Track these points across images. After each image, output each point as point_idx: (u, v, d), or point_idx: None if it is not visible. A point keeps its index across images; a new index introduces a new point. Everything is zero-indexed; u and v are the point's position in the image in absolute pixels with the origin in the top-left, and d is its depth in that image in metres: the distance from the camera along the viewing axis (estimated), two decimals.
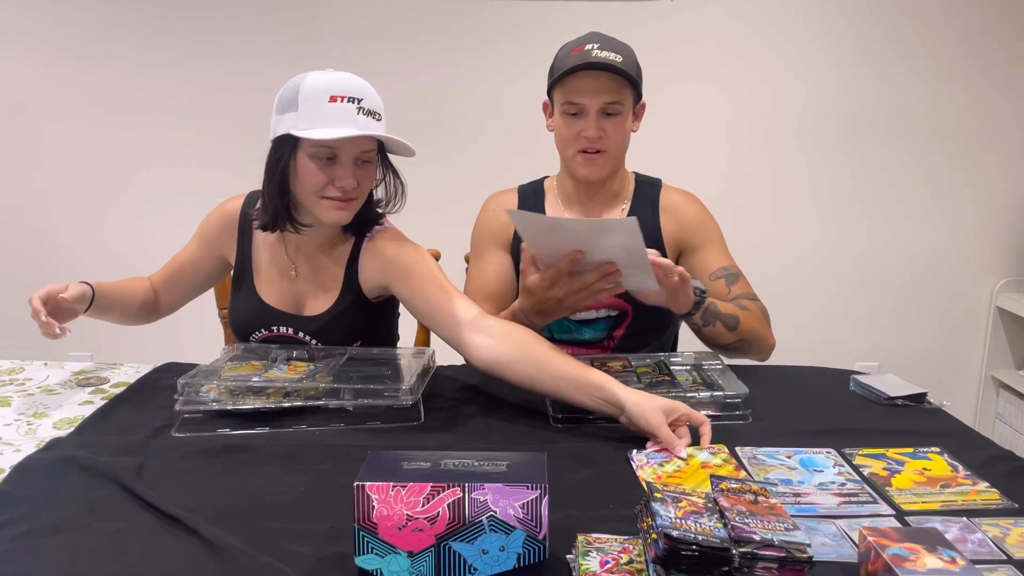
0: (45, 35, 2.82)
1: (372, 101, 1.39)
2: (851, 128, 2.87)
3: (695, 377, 1.44)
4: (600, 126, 1.55)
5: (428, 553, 0.87)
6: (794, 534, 0.84)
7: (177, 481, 1.10)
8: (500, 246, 1.71)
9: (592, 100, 1.54)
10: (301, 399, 1.31)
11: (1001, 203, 2.94)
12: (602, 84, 1.53)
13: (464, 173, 2.84)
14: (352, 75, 1.41)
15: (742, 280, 1.65)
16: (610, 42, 1.56)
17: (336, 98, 1.35)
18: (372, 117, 1.38)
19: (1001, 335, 3.01)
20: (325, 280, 1.54)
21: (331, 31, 2.80)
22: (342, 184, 1.38)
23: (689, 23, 2.79)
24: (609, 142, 1.57)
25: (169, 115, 2.87)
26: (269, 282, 1.56)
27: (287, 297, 1.55)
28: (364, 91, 1.39)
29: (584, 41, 1.57)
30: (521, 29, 2.79)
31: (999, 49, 2.82)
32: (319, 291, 1.54)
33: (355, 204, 1.44)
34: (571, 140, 1.58)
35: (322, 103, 1.35)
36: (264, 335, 1.56)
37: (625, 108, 1.57)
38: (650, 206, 1.69)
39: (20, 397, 1.45)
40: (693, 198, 1.72)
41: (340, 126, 1.34)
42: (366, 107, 1.37)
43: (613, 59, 1.52)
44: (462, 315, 1.37)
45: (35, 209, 2.95)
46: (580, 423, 1.31)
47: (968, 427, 1.35)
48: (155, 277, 1.68)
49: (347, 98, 1.36)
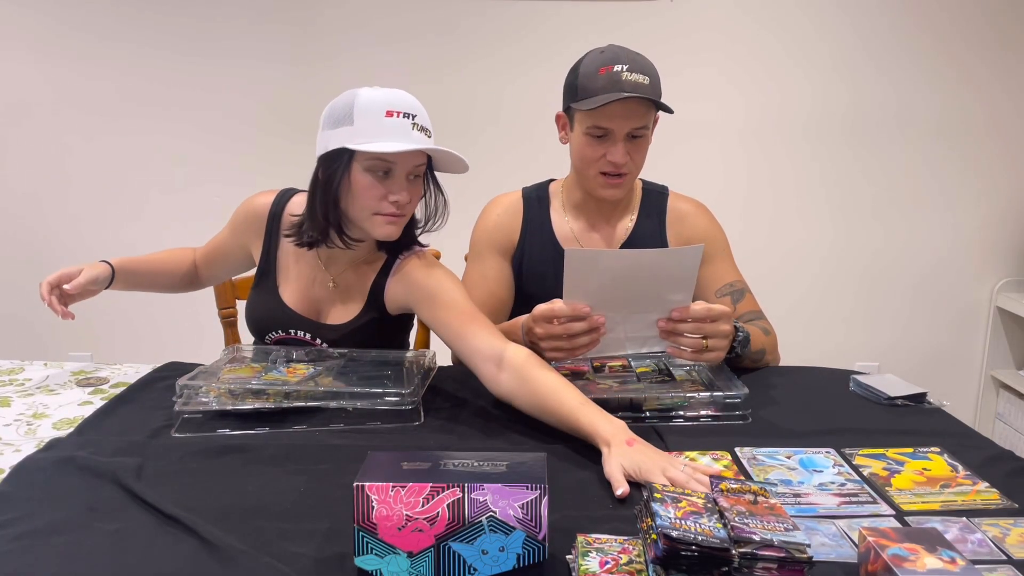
0: (46, 35, 2.82)
1: (424, 118, 1.40)
2: (851, 129, 2.87)
3: (694, 377, 1.44)
4: (626, 151, 1.53)
5: (428, 553, 0.87)
6: (794, 534, 0.84)
7: (177, 481, 1.10)
8: (500, 253, 1.70)
9: (621, 125, 1.51)
10: (302, 400, 1.31)
11: (1001, 203, 2.94)
12: (632, 110, 1.50)
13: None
14: (404, 92, 1.40)
15: (748, 296, 1.65)
16: (636, 61, 1.51)
17: (392, 113, 1.35)
18: (424, 133, 1.39)
19: (1001, 335, 3.01)
20: (351, 292, 1.54)
21: (332, 32, 2.80)
22: (396, 198, 1.39)
23: (689, 23, 2.78)
24: (633, 165, 1.56)
25: (169, 115, 2.87)
26: (295, 286, 1.56)
27: (309, 303, 1.56)
28: (417, 108, 1.39)
29: (611, 60, 1.51)
30: (521, 30, 2.80)
31: (1000, 50, 2.82)
32: (342, 302, 1.55)
33: (404, 220, 1.44)
34: (594, 161, 1.56)
35: (379, 117, 1.35)
36: (280, 336, 1.56)
37: (649, 129, 1.56)
38: (656, 216, 1.68)
39: (20, 397, 1.45)
40: (701, 208, 1.71)
41: (397, 140, 1.34)
42: (420, 123, 1.38)
43: (642, 82, 1.49)
44: (485, 350, 1.35)
45: (35, 209, 2.95)
46: None
47: (968, 427, 1.35)
48: (199, 251, 1.73)
49: (403, 113, 1.36)
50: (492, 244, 1.70)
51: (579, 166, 1.60)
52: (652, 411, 1.34)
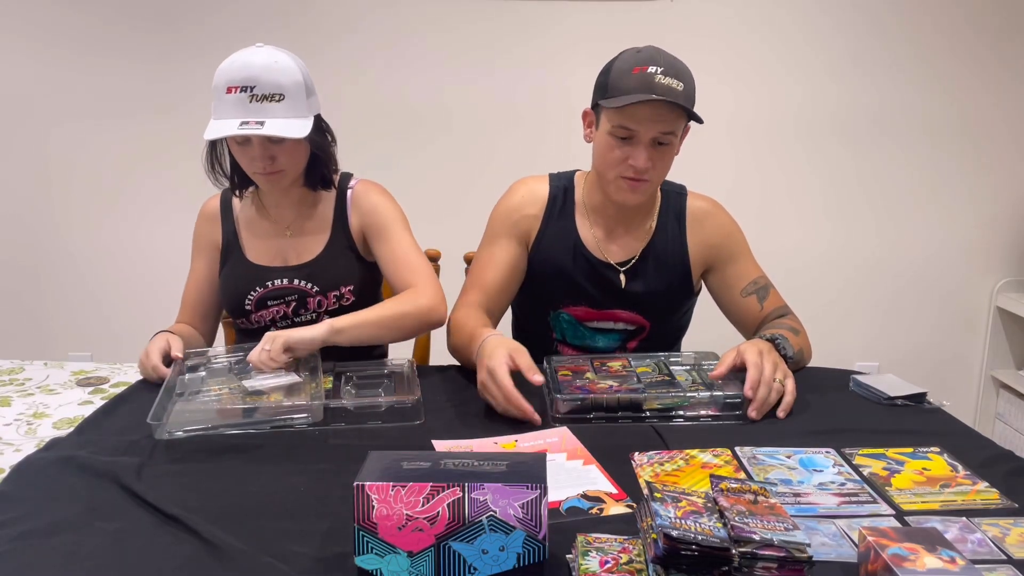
0: (46, 35, 2.82)
1: (267, 84, 1.45)
2: (851, 129, 2.87)
3: (695, 377, 1.44)
4: (650, 156, 1.47)
5: (428, 553, 0.87)
6: (794, 534, 0.84)
7: (177, 481, 1.10)
8: (517, 238, 1.63)
9: (648, 129, 1.45)
10: (304, 399, 1.31)
11: (1001, 203, 2.94)
12: (661, 114, 1.44)
13: (464, 173, 2.84)
14: (253, 52, 1.48)
15: (772, 292, 1.64)
16: (672, 65, 1.46)
17: (232, 89, 1.45)
18: (269, 100, 1.46)
19: (1001, 335, 3.01)
20: (312, 229, 1.64)
21: (332, 31, 2.80)
22: (259, 166, 1.51)
23: (689, 23, 2.78)
24: (655, 173, 1.51)
25: (170, 115, 2.86)
26: (257, 245, 1.64)
27: (275, 254, 1.63)
28: (259, 75, 1.45)
29: (646, 61, 1.45)
30: (521, 29, 2.79)
31: (999, 50, 2.82)
32: (307, 241, 1.63)
33: (280, 175, 1.53)
34: (615, 164, 1.50)
35: (222, 94, 1.46)
36: (260, 293, 1.61)
37: (677, 137, 1.50)
38: (676, 218, 1.64)
39: (20, 397, 1.45)
40: (719, 208, 1.67)
41: (229, 119, 1.44)
42: (259, 92, 1.44)
43: (676, 87, 1.43)
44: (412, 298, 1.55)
45: (35, 209, 2.95)
46: (580, 423, 1.31)
47: (968, 427, 1.35)
48: (181, 318, 1.70)
49: (239, 88, 1.44)
50: (511, 226, 1.63)
51: (600, 167, 1.55)
52: (652, 411, 1.34)
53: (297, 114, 1.47)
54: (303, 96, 1.49)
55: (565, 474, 1.13)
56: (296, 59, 1.51)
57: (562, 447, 1.22)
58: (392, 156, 2.82)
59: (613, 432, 1.28)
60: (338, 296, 1.60)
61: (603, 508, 1.05)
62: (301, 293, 1.60)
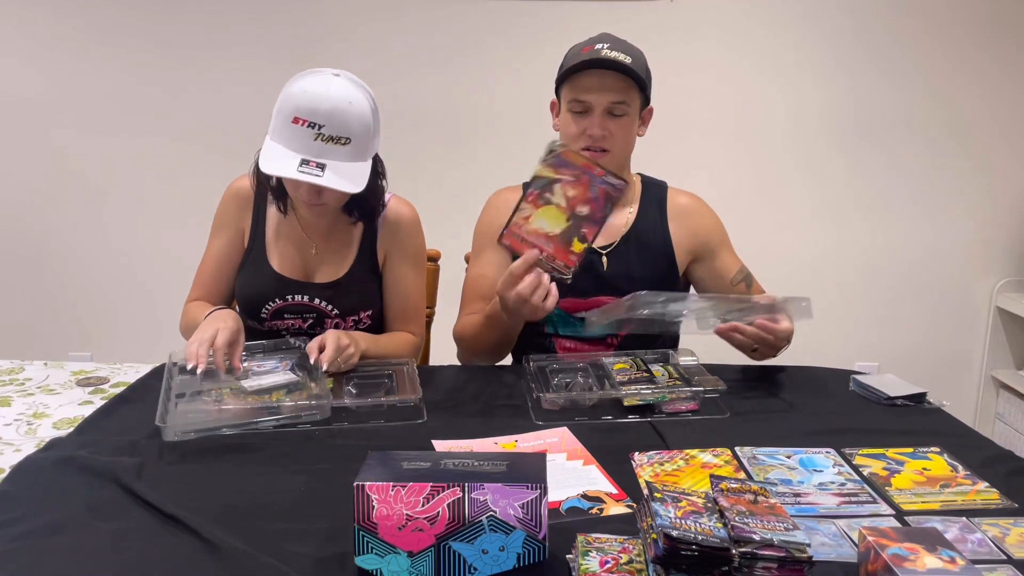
0: (46, 35, 2.82)
1: (336, 125, 1.39)
2: (851, 129, 2.87)
3: (671, 372, 1.45)
4: (605, 125, 1.56)
5: (428, 553, 0.87)
6: (794, 534, 0.84)
7: (177, 481, 1.10)
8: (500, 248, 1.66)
9: (598, 98, 1.55)
10: (305, 399, 1.31)
11: (1001, 203, 2.94)
12: (609, 83, 1.54)
13: (464, 173, 2.84)
14: (333, 87, 1.42)
15: (753, 279, 1.72)
16: (620, 43, 1.58)
17: (299, 120, 1.39)
18: (334, 143, 1.40)
19: (1001, 335, 3.01)
20: (340, 248, 1.60)
21: (331, 32, 2.80)
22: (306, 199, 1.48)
23: (688, 24, 2.78)
24: (614, 142, 1.58)
25: (170, 115, 2.86)
26: (282, 254, 1.59)
27: (299, 268, 1.60)
28: (331, 113, 1.39)
29: (595, 41, 1.58)
30: (520, 29, 2.79)
31: (999, 51, 2.82)
32: (332, 259, 1.60)
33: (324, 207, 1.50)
34: (575, 137, 1.58)
35: (287, 121, 1.41)
36: (279, 305, 1.58)
37: (631, 109, 1.58)
38: (657, 208, 1.70)
39: (20, 397, 1.45)
40: (701, 202, 1.74)
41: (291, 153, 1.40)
42: (326, 133, 1.38)
43: (622, 59, 1.53)
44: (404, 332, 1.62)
45: (35, 209, 2.95)
46: (579, 423, 1.31)
47: (968, 427, 1.35)
48: (196, 295, 1.64)
49: (308, 123, 1.38)
50: (491, 239, 1.67)
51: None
52: (632, 407, 1.35)
53: (359, 157, 1.43)
54: (368, 140, 1.44)
55: (565, 474, 1.13)
56: (368, 94, 1.46)
57: (562, 447, 1.22)
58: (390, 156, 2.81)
59: (613, 432, 1.28)
60: (356, 320, 1.60)
61: (603, 508, 1.05)
62: (320, 313, 1.58)
